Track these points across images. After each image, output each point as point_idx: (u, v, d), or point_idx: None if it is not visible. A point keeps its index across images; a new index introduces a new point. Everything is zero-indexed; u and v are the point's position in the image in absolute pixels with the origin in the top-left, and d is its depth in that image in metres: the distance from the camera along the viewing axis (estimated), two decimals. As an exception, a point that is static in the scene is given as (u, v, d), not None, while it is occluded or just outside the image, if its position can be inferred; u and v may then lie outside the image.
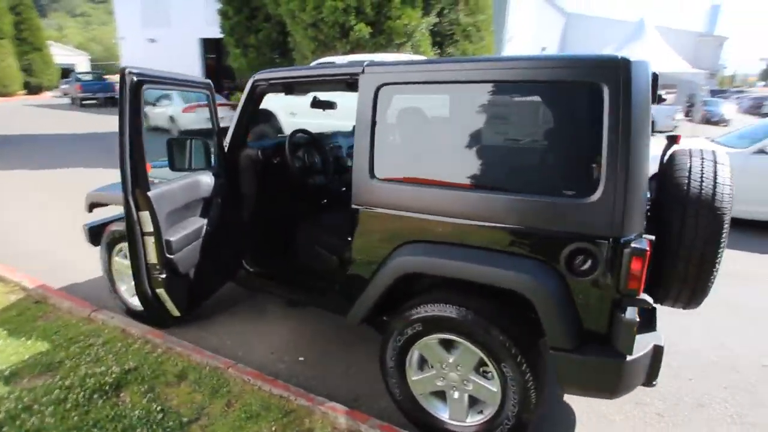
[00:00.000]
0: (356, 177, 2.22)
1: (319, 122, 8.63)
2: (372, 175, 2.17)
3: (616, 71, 1.69)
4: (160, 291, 2.22)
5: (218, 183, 2.73)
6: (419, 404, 2.27)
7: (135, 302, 3.31)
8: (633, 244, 1.73)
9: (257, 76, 2.78)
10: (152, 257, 2.13)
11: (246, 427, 2.25)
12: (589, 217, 1.78)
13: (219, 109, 3.09)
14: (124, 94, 2.24)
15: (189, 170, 2.61)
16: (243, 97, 2.87)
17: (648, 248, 1.71)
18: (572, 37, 27.97)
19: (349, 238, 2.41)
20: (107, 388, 2.48)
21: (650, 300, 2.01)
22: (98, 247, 3.42)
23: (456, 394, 2.18)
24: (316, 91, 3.69)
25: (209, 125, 2.94)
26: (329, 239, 2.81)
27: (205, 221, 2.55)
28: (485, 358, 2.03)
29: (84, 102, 22.68)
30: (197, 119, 12.50)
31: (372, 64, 2.21)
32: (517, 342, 1.95)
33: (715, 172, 1.98)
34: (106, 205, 3.47)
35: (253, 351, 3.02)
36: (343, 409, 2.31)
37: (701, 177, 1.97)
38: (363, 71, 2.20)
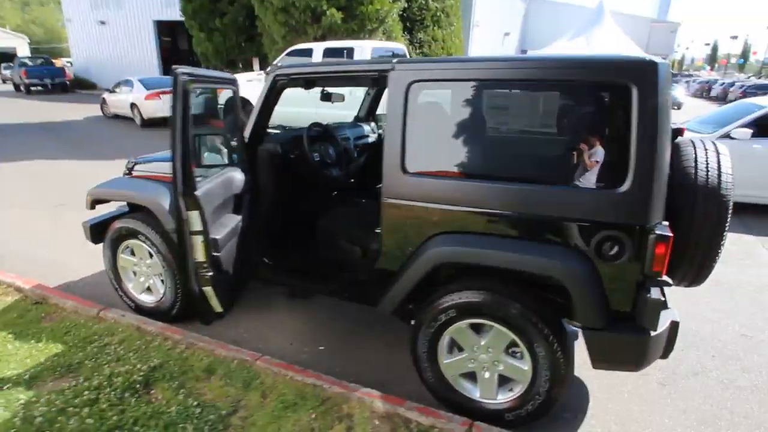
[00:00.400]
0: (387, 171, 2.29)
1: (284, 110, 8.57)
2: (404, 169, 2.25)
3: (644, 73, 1.83)
4: (207, 288, 2.23)
5: (247, 179, 2.73)
6: (450, 386, 2.40)
7: (143, 299, 3.29)
8: (657, 231, 1.90)
9: (278, 71, 2.77)
10: (200, 255, 2.13)
11: (285, 416, 2.32)
12: (617, 206, 1.93)
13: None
14: (177, 94, 2.21)
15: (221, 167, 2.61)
16: (263, 91, 2.85)
17: (671, 234, 1.89)
18: (533, 22, 28.54)
19: (377, 230, 2.49)
20: (137, 386, 2.48)
21: (670, 281, 2.21)
22: (95, 245, 3.35)
23: (486, 374, 2.33)
24: (338, 86, 3.70)
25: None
26: (351, 230, 2.87)
27: (239, 218, 2.55)
28: (517, 340, 2.18)
29: (31, 88, 21.30)
30: (161, 107, 12.04)
31: (402, 61, 2.26)
32: (548, 323, 2.11)
33: (719, 162, 2.18)
34: (109, 201, 3.39)
35: (272, 343, 3.07)
36: (378, 394, 2.41)
37: (707, 167, 2.17)
38: (393, 68, 2.25)
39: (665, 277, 2.15)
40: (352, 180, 3.62)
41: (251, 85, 9.05)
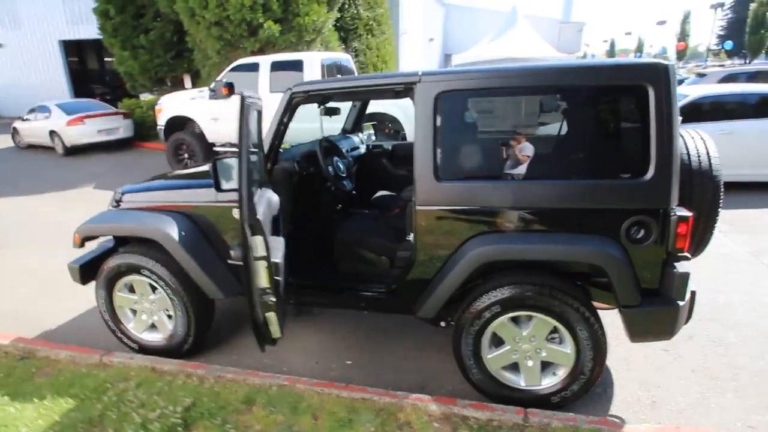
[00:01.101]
0: (420, 180, 2.36)
1: (236, 127, 8.32)
2: (437, 176, 2.33)
3: (659, 75, 2.05)
4: (270, 315, 2.14)
5: (279, 198, 2.66)
6: (496, 379, 2.50)
7: (148, 337, 3.10)
8: (678, 213, 2.14)
9: (295, 88, 2.74)
10: (263, 281, 2.05)
11: (344, 434, 2.31)
12: (643, 194, 2.14)
13: (108, 118, 2.83)
14: (244, 118, 2.11)
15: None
16: (279, 109, 2.80)
17: (691, 214, 2.14)
18: (452, 26, 29.77)
19: (408, 238, 2.55)
20: (178, 429, 2.35)
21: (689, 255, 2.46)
22: (84, 285, 3.12)
23: (530, 363, 2.46)
24: (358, 100, 3.68)
25: (104, 137, 2.85)
26: (374, 241, 2.89)
27: (281, 239, 2.47)
28: (558, 326, 2.33)
29: None
30: (88, 132, 11.17)
31: (428, 73, 2.34)
32: (588, 307, 2.29)
33: (707, 148, 2.49)
34: (97, 237, 3.15)
35: (297, 365, 3.02)
36: (429, 398, 2.47)
37: (698, 152, 2.46)
38: (420, 80, 2.32)
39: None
40: (355, 192, 3.64)
41: (194, 103, 8.69)
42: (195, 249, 2.79)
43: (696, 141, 2.52)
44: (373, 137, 4.66)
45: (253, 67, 8.25)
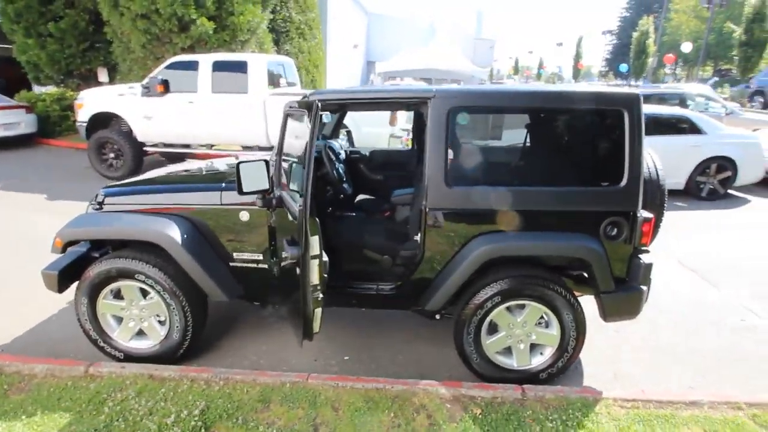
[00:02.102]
0: (432, 185, 2.59)
1: (172, 127, 7.96)
2: (447, 182, 2.58)
3: (632, 102, 2.49)
4: (317, 310, 2.20)
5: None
6: (493, 363, 2.81)
7: (135, 345, 3.00)
8: (644, 214, 2.60)
9: (318, 96, 2.79)
10: (315, 278, 2.10)
11: (366, 420, 2.45)
12: (618, 198, 2.58)
13: (8, 111, 2.67)
14: (315, 121, 2.15)
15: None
16: (312, 122, 2.84)
17: (653, 216, 2.61)
18: (374, 35, 30.45)
19: (415, 237, 2.77)
20: (202, 430, 2.34)
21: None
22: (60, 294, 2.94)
23: (522, 346, 2.80)
24: (371, 110, 3.75)
25: (3, 132, 2.84)
26: (377, 241, 3.06)
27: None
28: (547, 312, 2.70)
29: None
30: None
31: (442, 89, 2.58)
32: (571, 294, 2.68)
33: (654, 161, 3.02)
34: (80, 241, 2.98)
35: (296, 363, 3.09)
36: (438, 383, 2.70)
37: (647, 165, 2.98)
38: (435, 95, 2.56)
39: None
40: (342, 196, 3.77)
41: (124, 99, 8.12)
42: (199, 252, 2.77)
43: (646, 156, 3.05)
44: (346, 143, 4.82)
45: (192, 66, 7.92)
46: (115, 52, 11.15)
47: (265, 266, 2.88)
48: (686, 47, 27.22)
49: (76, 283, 2.92)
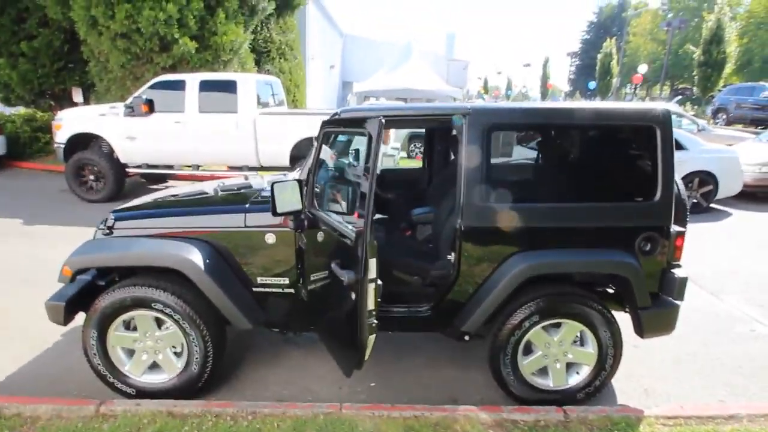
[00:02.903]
0: (468, 203, 2.54)
1: (157, 148, 7.72)
2: (484, 200, 2.53)
3: (664, 118, 2.53)
4: (371, 337, 2.06)
5: None
6: (529, 384, 2.73)
7: (149, 380, 2.80)
8: (677, 228, 2.62)
9: (342, 115, 2.72)
10: (371, 303, 1.98)
11: (410, 452, 2.34)
12: (652, 213, 2.59)
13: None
14: (380, 138, 2.06)
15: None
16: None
17: (684, 229, 2.63)
18: (350, 55, 30.76)
19: (448, 257, 2.71)
20: (237, 472, 2.17)
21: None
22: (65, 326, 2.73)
23: (558, 365, 2.74)
24: (402, 128, 3.66)
25: None
26: (405, 261, 2.97)
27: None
28: (585, 330, 2.66)
29: None
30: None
31: (477, 106, 2.55)
32: (608, 311, 2.65)
33: (677, 177, 3.06)
34: (89, 269, 2.78)
35: (322, 393, 2.94)
36: (477, 408, 2.60)
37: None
38: (470, 113, 2.52)
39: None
40: None
41: (105, 119, 7.84)
42: (221, 277, 2.62)
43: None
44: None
45: (178, 85, 7.74)
46: (91, 71, 10.82)
47: (291, 291, 2.74)
48: (642, 68, 28.65)
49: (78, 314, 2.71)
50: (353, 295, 1.97)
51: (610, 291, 2.98)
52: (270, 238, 2.66)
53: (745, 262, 5.51)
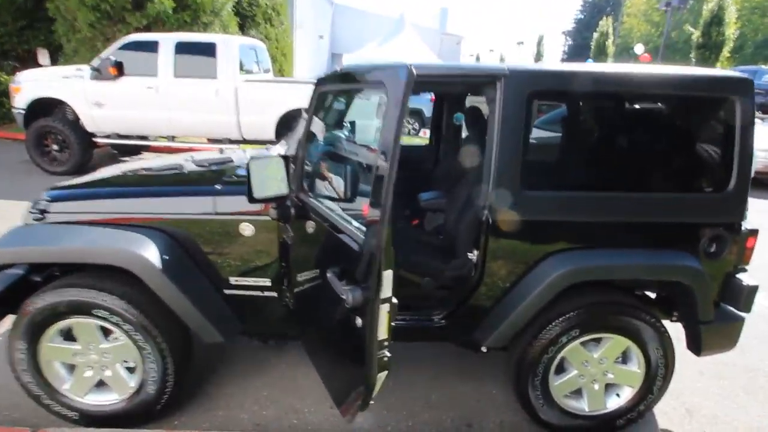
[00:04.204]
0: (499, 189, 2.01)
1: (127, 115, 6.99)
2: (523, 185, 2.00)
3: (745, 88, 2.00)
4: (382, 374, 1.51)
5: None
6: (559, 407, 2.27)
7: (94, 400, 2.26)
8: (748, 226, 2.13)
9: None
10: (383, 331, 1.43)
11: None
12: (723, 206, 2.09)
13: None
14: (406, 98, 1.37)
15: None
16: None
17: (758, 229, 2.14)
18: (340, 27, 29.56)
19: (469, 254, 2.19)
20: None
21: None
22: None
23: (596, 387, 2.28)
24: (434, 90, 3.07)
25: None
26: (414, 258, 2.44)
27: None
28: (632, 346, 2.19)
29: None
30: None
31: (516, 67, 1.99)
32: (662, 323, 2.18)
33: None
34: (13, 265, 2.19)
35: (311, 413, 2.44)
36: (501, 439, 2.14)
37: None
38: (507, 74, 1.96)
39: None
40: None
41: (69, 83, 7.06)
42: (184, 277, 2.06)
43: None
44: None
45: (150, 47, 6.97)
46: (58, 31, 9.89)
47: (274, 294, 2.21)
48: (638, 49, 27.96)
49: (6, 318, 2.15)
50: (359, 321, 1.43)
51: (651, 295, 2.51)
52: (247, 229, 2.11)
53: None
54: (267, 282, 2.19)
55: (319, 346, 1.98)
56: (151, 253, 2.00)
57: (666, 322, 2.30)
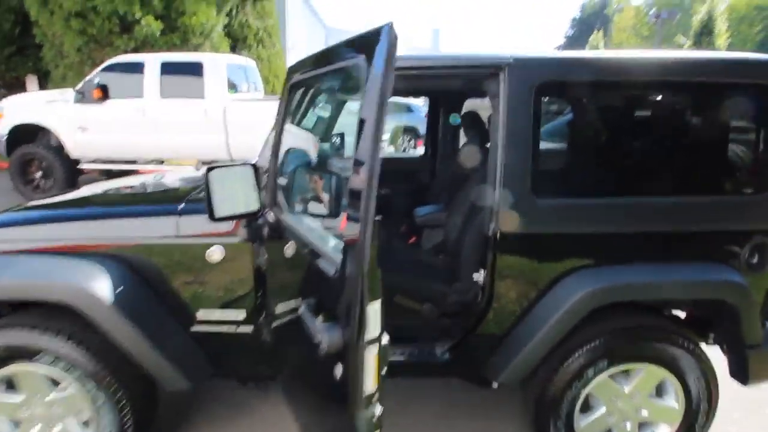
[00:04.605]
0: (506, 197, 1.73)
1: (113, 139, 6.75)
2: (536, 193, 1.72)
3: None
4: None
5: None
6: (595, 459, 1.94)
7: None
8: None
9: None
10: (371, 382, 1.10)
11: None
12: (764, 211, 1.81)
13: None
14: (389, 71, 1.04)
15: None
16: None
17: None
18: (334, 48, 29.76)
19: (475, 276, 1.89)
20: None
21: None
22: None
23: (628, 426, 1.95)
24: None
25: None
26: (412, 282, 2.13)
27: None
28: (669, 377, 1.88)
29: None
30: None
31: (521, 56, 1.73)
32: (700, 348, 1.88)
33: None
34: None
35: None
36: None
37: None
38: (511, 64, 1.70)
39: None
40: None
41: (53, 107, 6.85)
42: (141, 315, 1.75)
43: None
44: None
45: (136, 68, 6.78)
46: (45, 57, 9.77)
47: (248, 330, 1.89)
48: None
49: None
50: (339, 370, 1.11)
51: (680, 315, 2.21)
52: (215, 254, 1.81)
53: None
54: (241, 315, 1.88)
55: (298, 392, 1.66)
56: (100, 285, 1.69)
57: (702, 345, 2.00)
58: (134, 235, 1.84)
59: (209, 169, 1.52)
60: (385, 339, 1.11)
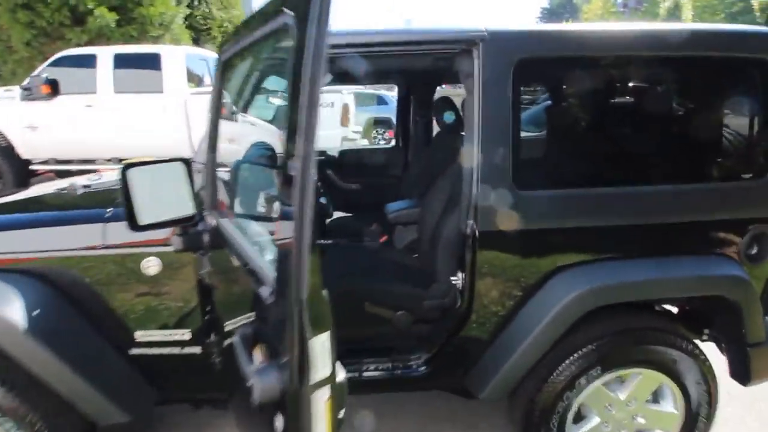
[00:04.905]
0: (485, 191, 1.52)
1: (65, 138, 6.32)
2: (516, 184, 1.52)
3: None
4: None
5: None
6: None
7: None
8: None
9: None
10: None
11: None
12: (764, 197, 1.66)
13: None
14: (324, 22, 0.75)
15: None
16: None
17: None
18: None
19: (453, 279, 1.69)
20: None
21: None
22: None
23: (624, 434, 1.80)
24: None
25: None
26: (383, 287, 1.91)
27: None
28: (667, 382, 1.72)
29: None
30: None
31: (496, 29, 1.51)
32: (699, 349, 1.73)
33: None
34: None
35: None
36: None
37: None
38: (486, 38, 1.48)
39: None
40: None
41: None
42: (67, 340, 1.49)
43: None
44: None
45: (88, 61, 6.35)
46: (-7, 51, 9.15)
47: (195, 350, 1.65)
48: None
49: None
50: (279, 422, 0.86)
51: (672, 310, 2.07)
52: (151, 266, 1.55)
53: None
54: (186, 335, 1.63)
55: (247, 421, 1.42)
56: (11, 307, 1.42)
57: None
58: (54, 246, 1.57)
59: (126, 167, 1.26)
60: (341, 375, 0.88)
